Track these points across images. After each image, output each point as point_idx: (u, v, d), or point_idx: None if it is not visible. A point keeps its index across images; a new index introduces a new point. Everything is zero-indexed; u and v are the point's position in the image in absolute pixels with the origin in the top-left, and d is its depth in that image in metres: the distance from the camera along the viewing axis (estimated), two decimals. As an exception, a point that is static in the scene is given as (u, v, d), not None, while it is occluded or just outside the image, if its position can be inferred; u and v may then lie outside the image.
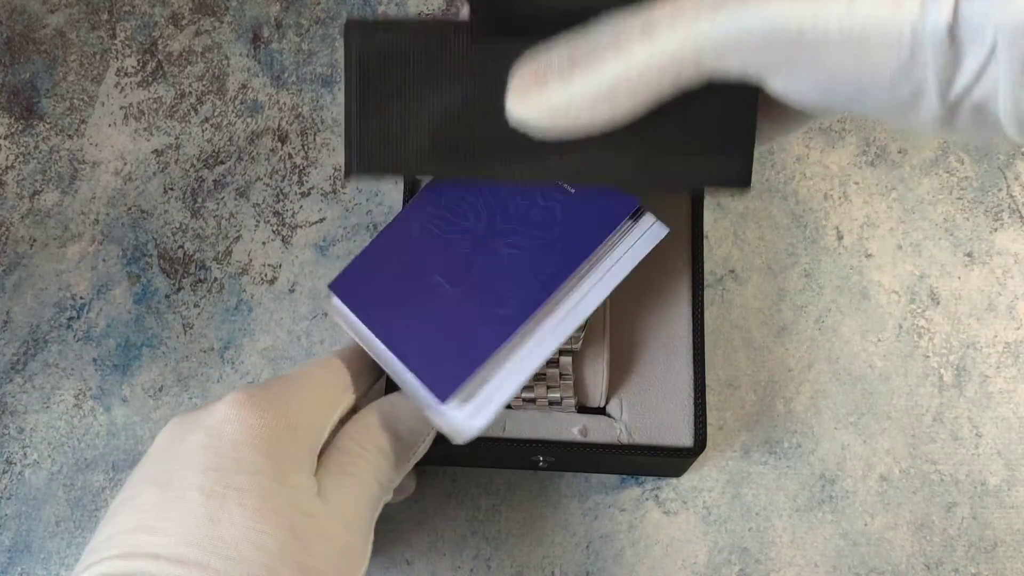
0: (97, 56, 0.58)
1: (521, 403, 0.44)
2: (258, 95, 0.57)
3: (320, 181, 0.55)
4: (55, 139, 0.57)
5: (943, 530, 0.48)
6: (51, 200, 0.55)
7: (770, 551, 0.48)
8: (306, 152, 0.56)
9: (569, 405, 0.44)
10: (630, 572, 0.48)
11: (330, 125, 0.56)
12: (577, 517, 0.49)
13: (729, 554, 0.48)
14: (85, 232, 0.55)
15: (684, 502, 0.49)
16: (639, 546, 0.48)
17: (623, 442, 0.44)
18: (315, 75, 0.57)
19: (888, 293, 0.52)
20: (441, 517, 0.49)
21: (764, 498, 0.48)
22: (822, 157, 0.54)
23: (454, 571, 0.48)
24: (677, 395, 0.45)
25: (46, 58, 0.58)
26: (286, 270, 0.53)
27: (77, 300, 0.53)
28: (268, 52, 0.58)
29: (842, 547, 0.48)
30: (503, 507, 0.49)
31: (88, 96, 0.58)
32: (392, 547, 0.49)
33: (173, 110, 0.57)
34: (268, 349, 0.52)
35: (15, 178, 0.56)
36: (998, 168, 0.54)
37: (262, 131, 0.56)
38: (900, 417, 0.49)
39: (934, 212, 0.53)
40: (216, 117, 0.57)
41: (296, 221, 0.54)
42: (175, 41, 0.58)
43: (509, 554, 0.48)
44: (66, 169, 0.56)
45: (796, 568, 0.47)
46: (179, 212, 0.55)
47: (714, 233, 0.53)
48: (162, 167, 0.56)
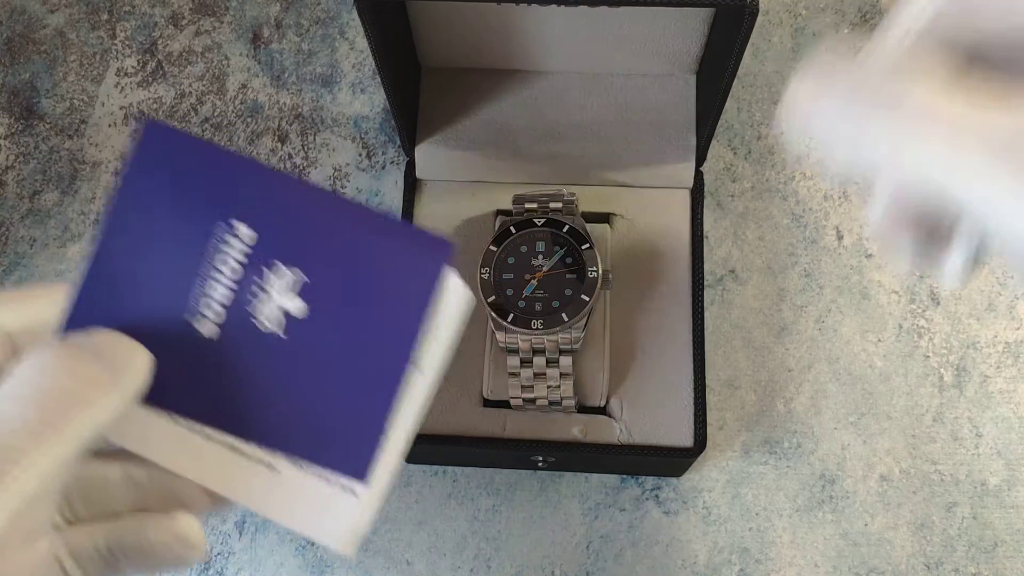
0: (97, 56, 0.58)
1: (521, 403, 0.44)
2: (258, 95, 0.57)
3: (320, 181, 0.55)
4: (55, 139, 0.57)
5: (943, 530, 0.48)
6: (51, 200, 0.55)
7: (770, 551, 0.48)
8: (306, 152, 0.56)
9: (569, 405, 0.44)
10: (630, 572, 0.48)
11: (330, 125, 0.56)
12: (577, 517, 0.49)
13: (729, 554, 0.48)
14: (85, 232, 0.55)
15: (684, 502, 0.49)
16: (639, 546, 0.48)
17: (623, 442, 0.44)
18: (315, 75, 0.57)
19: (888, 293, 0.52)
20: (441, 517, 0.49)
21: (764, 498, 0.48)
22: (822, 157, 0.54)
23: (454, 571, 0.48)
24: (677, 395, 0.45)
25: (46, 58, 0.58)
26: (286, 270, 0.53)
27: (77, 300, 0.53)
28: (268, 52, 0.58)
29: (842, 547, 0.48)
30: (503, 507, 0.49)
31: (88, 96, 0.58)
32: (392, 547, 0.49)
33: (173, 110, 0.57)
34: (268, 349, 0.52)
35: (15, 178, 0.56)
36: (998, 168, 0.54)
37: (262, 131, 0.56)
38: (900, 417, 0.49)
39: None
40: (216, 117, 0.57)
41: (296, 221, 0.54)
42: (175, 41, 0.58)
43: (509, 554, 0.48)
44: (66, 169, 0.56)
45: (796, 568, 0.47)
46: (179, 212, 0.55)
47: (714, 233, 0.53)
48: (162, 167, 0.56)
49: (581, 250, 0.44)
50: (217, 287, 0.30)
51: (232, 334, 0.30)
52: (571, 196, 0.46)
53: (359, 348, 0.30)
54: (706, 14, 0.45)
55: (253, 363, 0.30)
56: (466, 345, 0.47)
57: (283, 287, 0.30)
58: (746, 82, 0.56)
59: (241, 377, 0.30)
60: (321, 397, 0.30)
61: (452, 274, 0.30)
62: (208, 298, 0.30)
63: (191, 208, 0.30)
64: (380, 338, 0.30)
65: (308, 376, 0.30)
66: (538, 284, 0.44)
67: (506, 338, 0.43)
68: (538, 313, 0.43)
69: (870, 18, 0.57)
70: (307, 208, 0.31)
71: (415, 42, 0.49)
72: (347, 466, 0.29)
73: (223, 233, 0.30)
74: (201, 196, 0.31)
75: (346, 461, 0.29)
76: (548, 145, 0.49)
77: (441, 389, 0.46)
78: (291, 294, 0.30)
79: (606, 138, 0.49)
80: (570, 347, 0.44)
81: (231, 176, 0.31)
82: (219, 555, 0.49)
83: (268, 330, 0.30)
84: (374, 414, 0.29)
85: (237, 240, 0.30)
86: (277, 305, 0.30)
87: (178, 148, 0.31)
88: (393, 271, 0.31)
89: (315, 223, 0.31)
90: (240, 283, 0.30)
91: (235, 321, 0.30)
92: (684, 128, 0.49)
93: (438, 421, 0.45)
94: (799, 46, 0.57)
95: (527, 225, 0.45)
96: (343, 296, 0.30)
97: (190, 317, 0.29)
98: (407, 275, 0.30)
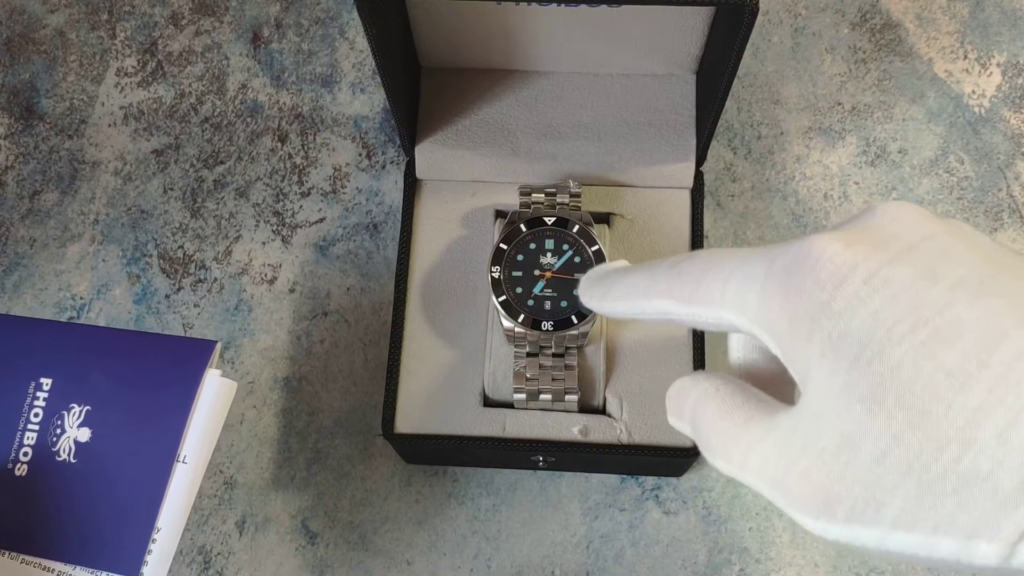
0: (97, 56, 0.58)
1: (524, 397, 0.44)
2: (258, 95, 0.57)
3: (320, 181, 0.55)
4: (55, 139, 0.57)
5: (943, 530, 0.48)
6: (51, 200, 0.55)
7: (770, 551, 0.48)
8: (306, 152, 0.56)
9: (572, 400, 0.44)
10: (630, 572, 0.48)
11: (330, 125, 0.56)
12: (577, 517, 0.49)
13: (729, 554, 0.48)
14: (85, 232, 0.55)
15: (684, 502, 0.49)
16: (639, 546, 0.48)
17: (623, 442, 0.44)
18: (315, 75, 0.57)
19: (888, 293, 0.51)
20: (441, 517, 0.49)
21: (764, 498, 0.48)
22: (822, 157, 0.54)
23: (454, 571, 0.48)
24: (677, 395, 0.45)
25: (46, 58, 0.58)
26: (286, 270, 0.53)
27: (77, 300, 0.53)
28: (268, 52, 0.58)
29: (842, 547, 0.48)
30: (503, 507, 0.49)
31: (88, 96, 0.57)
32: (392, 547, 0.49)
33: (173, 110, 0.57)
34: (268, 349, 0.52)
35: (15, 178, 0.56)
36: (998, 168, 0.54)
37: (262, 131, 0.56)
38: (900, 417, 0.49)
39: (934, 212, 0.53)
40: (216, 117, 0.57)
41: (296, 221, 0.54)
42: (175, 41, 0.58)
43: (509, 554, 0.48)
44: (66, 169, 0.56)
45: (796, 568, 0.47)
46: (179, 212, 0.55)
47: (714, 233, 0.53)
48: (162, 167, 0.56)
49: (590, 251, 0.45)
50: (28, 434, 0.37)
51: (36, 469, 0.37)
52: (577, 188, 0.46)
53: (133, 456, 0.37)
54: (706, 14, 0.45)
55: (51, 491, 0.37)
56: (466, 345, 0.47)
57: (72, 421, 0.37)
58: (746, 82, 0.56)
59: (42, 505, 0.37)
60: (102, 508, 0.36)
61: (212, 371, 0.37)
62: (24, 445, 0.37)
63: (9, 375, 0.38)
64: (151, 443, 0.37)
65: (92, 492, 0.36)
66: (546, 283, 0.45)
67: (515, 328, 0.44)
68: (547, 313, 0.44)
69: (870, 18, 0.57)
70: (90, 348, 0.38)
71: (415, 42, 0.49)
72: (121, 566, 0.35)
73: (34, 390, 0.37)
74: (15, 363, 0.38)
75: (119, 562, 0.35)
76: (548, 145, 0.49)
77: (441, 389, 0.46)
78: (78, 425, 0.37)
79: (606, 138, 0.49)
80: (575, 344, 0.44)
81: (31, 338, 0.38)
82: (219, 555, 0.49)
83: (63, 459, 0.37)
84: (143, 514, 0.36)
85: (42, 392, 0.37)
86: (70, 437, 0.37)
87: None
88: (160, 382, 0.37)
89: (96, 358, 0.38)
90: (44, 424, 0.37)
91: (39, 458, 0.37)
92: (684, 128, 0.49)
93: (438, 421, 0.45)
94: (799, 46, 0.57)
95: (537, 223, 0.45)
96: (121, 415, 0.37)
97: (12, 465, 0.37)
98: (171, 382, 0.37)
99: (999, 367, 0.20)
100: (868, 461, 0.21)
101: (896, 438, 0.21)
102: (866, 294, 0.22)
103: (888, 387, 0.21)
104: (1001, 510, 0.20)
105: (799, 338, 0.23)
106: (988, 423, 0.20)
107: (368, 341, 0.52)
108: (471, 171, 0.49)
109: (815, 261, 0.23)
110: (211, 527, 0.49)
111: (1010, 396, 0.20)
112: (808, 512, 0.23)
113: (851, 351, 0.22)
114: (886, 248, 0.23)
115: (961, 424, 0.20)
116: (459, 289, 0.48)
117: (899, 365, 0.21)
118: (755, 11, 0.36)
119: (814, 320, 0.22)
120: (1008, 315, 0.21)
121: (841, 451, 0.22)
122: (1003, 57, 0.56)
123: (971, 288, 0.21)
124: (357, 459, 0.50)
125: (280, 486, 0.50)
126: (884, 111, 0.55)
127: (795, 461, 0.23)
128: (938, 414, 0.21)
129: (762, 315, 0.24)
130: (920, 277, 0.22)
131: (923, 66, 0.56)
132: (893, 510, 0.21)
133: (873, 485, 0.21)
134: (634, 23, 0.47)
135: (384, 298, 0.52)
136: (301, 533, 0.49)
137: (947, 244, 0.23)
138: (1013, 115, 0.55)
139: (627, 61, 0.50)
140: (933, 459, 0.20)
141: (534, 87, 0.51)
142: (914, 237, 0.23)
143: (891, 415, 0.21)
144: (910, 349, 0.21)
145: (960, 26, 0.56)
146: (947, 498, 0.20)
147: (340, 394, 0.51)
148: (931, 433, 0.21)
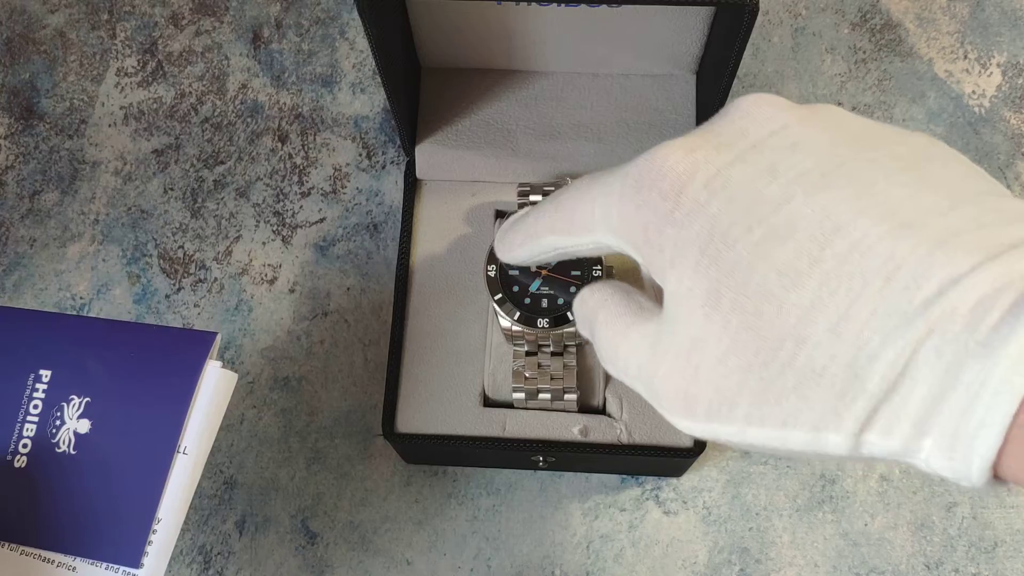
0: (97, 56, 0.58)
1: (523, 397, 0.44)
2: (258, 95, 0.57)
3: (320, 181, 0.55)
4: (55, 139, 0.57)
5: (943, 530, 0.48)
6: (51, 200, 0.55)
7: (770, 551, 0.48)
8: (306, 152, 0.56)
9: (572, 400, 0.44)
10: (630, 572, 0.48)
11: (330, 125, 0.56)
12: (577, 517, 0.49)
13: (729, 554, 0.48)
14: (85, 232, 0.55)
15: (684, 502, 0.49)
16: (639, 546, 0.48)
17: (623, 442, 0.44)
18: (315, 75, 0.57)
19: (888, 293, 0.51)
20: (441, 517, 0.49)
21: (764, 498, 0.48)
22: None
23: (454, 571, 0.48)
24: (677, 395, 0.45)
25: (46, 58, 0.58)
26: (286, 270, 0.53)
27: (77, 300, 0.53)
28: (268, 52, 0.58)
29: (842, 547, 0.48)
30: (503, 507, 0.49)
31: (88, 96, 0.58)
32: (392, 547, 0.49)
33: (173, 110, 0.57)
34: (268, 349, 0.52)
35: (15, 178, 0.56)
36: (998, 168, 0.54)
37: (262, 131, 0.56)
38: (900, 417, 0.49)
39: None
40: (216, 117, 0.57)
41: (296, 221, 0.54)
42: (175, 41, 0.58)
43: (509, 554, 0.48)
44: (66, 169, 0.56)
45: (796, 568, 0.47)
46: (179, 212, 0.55)
47: (714, 233, 0.53)
48: (162, 167, 0.56)
49: None
50: (28, 425, 0.37)
51: (36, 461, 0.37)
52: None
53: (133, 447, 0.37)
54: (706, 14, 0.45)
55: (51, 482, 0.37)
56: (466, 345, 0.47)
57: (72, 412, 0.37)
58: (746, 82, 0.56)
59: (42, 496, 0.36)
60: (102, 499, 0.36)
61: (212, 362, 0.37)
62: (23, 437, 0.37)
63: (8, 367, 0.38)
64: (151, 434, 0.37)
65: (92, 483, 0.36)
66: (543, 281, 0.44)
67: (512, 327, 0.44)
68: (544, 311, 0.44)
69: (870, 18, 0.57)
70: (90, 340, 0.38)
71: (415, 42, 0.49)
72: (122, 557, 0.36)
73: (33, 382, 0.37)
74: (14, 355, 0.38)
75: (120, 553, 0.35)
76: (548, 145, 0.49)
77: (441, 389, 0.46)
78: (77, 416, 0.37)
79: (606, 138, 0.49)
80: (574, 342, 0.44)
81: (30, 330, 0.38)
82: (219, 555, 0.49)
83: (62, 451, 0.37)
84: (144, 505, 0.36)
85: (41, 384, 0.37)
86: (69, 429, 0.37)
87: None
88: (160, 373, 0.37)
89: (96, 350, 0.38)
90: (43, 416, 0.37)
91: (39, 450, 0.37)
92: (684, 128, 0.49)
93: (438, 421, 0.45)
94: (799, 46, 0.57)
95: None
96: (121, 406, 0.37)
97: (11, 457, 0.37)
98: (172, 373, 0.37)
99: (831, 261, 0.20)
100: (714, 363, 0.22)
101: (733, 340, 0.21)
102: (705, 199, 0.22)
103: (723, 290, 0.21)
104: (840, 402, 0.20)
105: (654, 250, 0.23)
106: (820, 318, 0.20)
107: (368, 341, 0.52)
108: (471, 171, 0.49)
109: (658, 172, 0.23)
110: (211, 527, 0.49)
111: (842, 289, 0.20)
112: (675, 412, 0.23)
113: (693, 257, 0.22)
114: (729, 148, 0.22)
115: (793, 322, 0.20)
116: (459, 289, 0.48)
117: (734, 267, 0.21)
118: (755, 11, 0.36)
119: (661, 231, 0.23)
120: (848, 205, 0.20)
121: (691, 355, 0.22)
122: (1003, 57, 0.56)
123: (812, 181, 0.21)
124: (357, 459, 0.50)
125: (280, 486, 0.50)
126: (884, 111, 0.55)
127: (660, 364, 0.23)
128: (770, 314, 0.20)
129: (623, 232, 0.24)
130: (759, 176, 0.22)
131: (923, 66, 0.56)
132: (743, 408, 0.21)
133: (722, 386, 0.22)
134: (634, 23, 0.47)
135: (384, 298, 0.52)
136: (301, 533, 0.49)
137: (797, 135, 0.22)
138: (1013, 115, 0.55)
139: (627, 61, 0.50)
140: (770, 358, 0.20)
141: (534, 87, 0.51)
142: (761, 133, 0.23)
143: (727, 319, 0.21)
144: (743, 250, 0.21)
145: (960, 26, 0.56)
146: (789, 394, 0.20)
147: (340, 394, 0.51)
148: (765, 333, 0.21)
